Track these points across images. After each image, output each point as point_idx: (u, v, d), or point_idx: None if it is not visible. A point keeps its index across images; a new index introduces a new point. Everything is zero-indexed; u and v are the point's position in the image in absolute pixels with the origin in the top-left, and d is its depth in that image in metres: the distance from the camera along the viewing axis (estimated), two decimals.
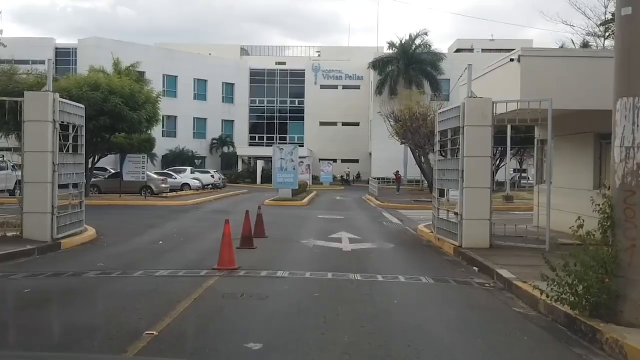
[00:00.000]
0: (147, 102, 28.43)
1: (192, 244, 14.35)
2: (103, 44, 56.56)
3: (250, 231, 13.29)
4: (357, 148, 64.30)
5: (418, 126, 34.56)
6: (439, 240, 14.73)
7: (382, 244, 14.74)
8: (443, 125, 14.68)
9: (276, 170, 30.86)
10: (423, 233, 17.21)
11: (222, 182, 45.35)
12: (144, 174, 29.85)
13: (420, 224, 20.88)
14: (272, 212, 24.58)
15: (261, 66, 67.57)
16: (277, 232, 16.75)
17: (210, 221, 20.25)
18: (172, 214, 23.30)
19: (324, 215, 23.40)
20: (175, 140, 60.06)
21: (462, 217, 13.11)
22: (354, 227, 18.94)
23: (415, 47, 56.86)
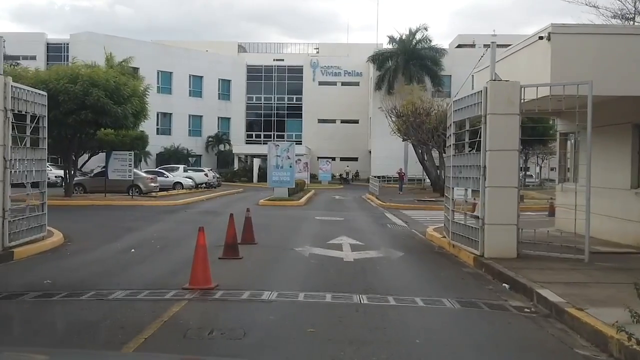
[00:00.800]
0: (133, 95, 26.27)
1: (170, 252, 12.24)
2: (96, 39, 54.39)
3: (234, 238, 11.17)
4: (356, 146, 62.16)
5: (421, 122, 32.44)
6: (454, 247, 12.64)
7: (389, 251, 12.63)
8: (459, 115, 12.57)
9: (272, 169, 28.75)
10: (433, 238, 15.12)
11: (217, 181, 43.20)
12: (131, 172, 27.70)
13: (427, 226, 18.84)
14: (266, 213, 22.53)
15: (258, 62, 65.40)
16: (269, 238, 14.67)
17: (197, 223, 17.97)
18: (157, 215, 21.19)
19: (323, 217, 21.30)
20: (170, 138, 57.88)
21: (484, 221, 11.01)
22: (356, 231, 16.85)
23: (416, 42, 54.73)
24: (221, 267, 10.12)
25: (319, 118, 62.87)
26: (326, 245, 13.33)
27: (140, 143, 46.36)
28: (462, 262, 11.60)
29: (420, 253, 12.88)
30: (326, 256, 11.67)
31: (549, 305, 7.45)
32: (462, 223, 12.16)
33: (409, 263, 11.40)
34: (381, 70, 54.50)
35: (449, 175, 13.52)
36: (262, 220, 19.58)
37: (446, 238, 13.75)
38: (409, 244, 14.47)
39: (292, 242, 13.98)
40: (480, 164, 11.12)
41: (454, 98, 12.95)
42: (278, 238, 14.78)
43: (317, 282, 8.95)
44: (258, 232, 15.35)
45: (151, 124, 57.46)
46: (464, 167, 12.20)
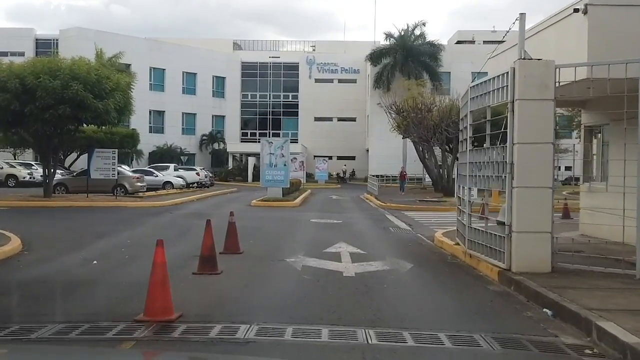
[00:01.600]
0: (116, 89, 24.24)
1: (137, 265, 10.26)
2: (86, 34, 52.51)
3: (211, 249, 9.19)
4: (353, 144, 60.20)
5: (422, 118, 30.49)
6: (471, 257, 10.71)
7: (396, 262, 10.69)
8: (477, 102, 10.63)
9: (265, 167, 26.77)
10: (444, 245, 13.19)
11: (210, 180, 41.19)
12: (115, 171, 25.68)
13: (434, 229, 16.98)
14: (257, 216, 20.60)
15: (253, 59, 63.36)
16: (257, 245, 12.73)
17: (180, 228, 16.20)
18: (139, 217, 19.23)
19: (319, 219, 19.36)
20: (163, 136, 55.92)
21: (511, 228, 9.08)
22: (356, 236, 14.91)
23: (414, 38, 52.83)
24: (193, 286, 8.18)
25: (315, 116, 60.92)
26: (322, 254, 11.39)
27: (130, 141, 44.46)
28: (483, 276, 9.67)
29: (432, 264, 10.92)
30: (322, 269, 9.72)
31: (619, 346, 5.51)
32: (482, 229, 10.22)
33: (422, 279, 9.45)
34: (379, 67, 52.58)
35: (464, 174, 11.59)
36: (252, 223, 17.67)
37: (460, 245, 11.83)
38: (417, 252, 12.52)
39: (283, 250, 12.03)
40: (505, 160, 9.19)
41: (471, 84, 11.03)
42: (268, 245, 12.82)
43: (310, 309, 7.00)
44: (246, 237, 13.49)
45: (143, 122, 55.56)
46: (484, 164, 10.26)
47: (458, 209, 12.60)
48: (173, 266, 9.77)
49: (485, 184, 10.32)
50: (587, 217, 13.89)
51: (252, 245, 12.70)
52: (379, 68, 52.78)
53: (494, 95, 9.79)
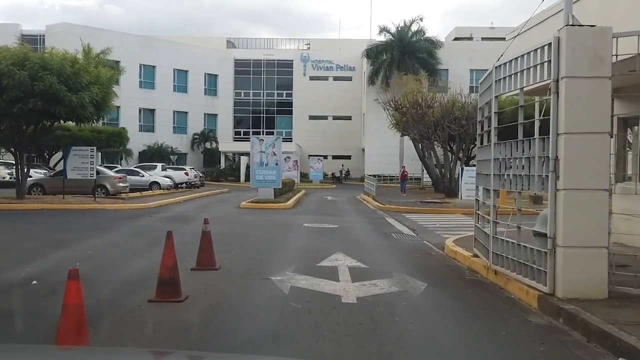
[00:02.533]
0: (95, 83, 22.11)
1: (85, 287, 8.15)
2: (73, 30, 50.04)
3: (172, 270, 7.09)
4: (349, 143, 58.15)
5: (423, 114, 28.46)
6: (496, 274, 8.68)
7: (405, 280, 8.64)
8: (506, 85, 8.58)
9: (255, 166, 24.68)
10: (458, 255, 11.15)
11: (200, 181, 39.02)
12: (93, 171, 23.53)
13: (440, 234, 15.06)
14: (245, 219, 18.53)
15: (247, 56, 61.20)
16: (239, 257, 10.69)
17: (154, 235, 14.07)
18: (113, 222, 17.14)
19: (313, 224, 17.29)
20: (154, 135, 53.68)
21: (555, 241, 7.05)
22: (354, 244, 12.87)
23: (412, 34, 50.78)
24: (140, 322, 6.13)
25: (310, 114, 58.83)
26: (316, 269, 9.33)
27: (117, 140, 42.23)
28: (516, 300, 7.63)
29: (449, 283, 8.86)
30: (315, 293, 7.66)
31: None
32: (514, 242, 8.17)
33: (443, 306, 7.38)
34: (375, 64, 50.54)
35: (486, 173, 9.55)
36: (238, 228, 15.64)
37: (480, 258, 9.80)
38: (427, 265, 10.47)
39: (269, 264, 9.96)
40: (547, 155, 7.16)
41: (496, 63, 8.98)
42: (252, 257, 10.74)
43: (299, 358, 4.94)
44: (228, 247, 11.51)
45: (133, 120, 53.37)
46: (516, 160, 8.22)
47: (476, 214, 10.56)
48: (127, 290, 7.75)
49: (518, 185, 8.26)
50: (621, 223, 11.86)
51: (233, 257, 10.64)
52: (375, 65, 50.76)
53: (530, 75, 7.74)
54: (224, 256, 10.42)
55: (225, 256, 10.46)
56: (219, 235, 13.83)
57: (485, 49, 53.26)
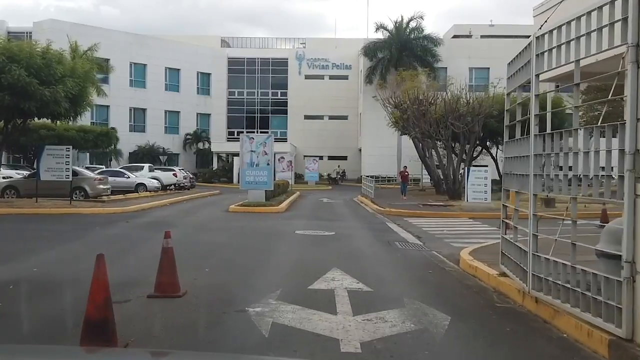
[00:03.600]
0: (70, 76, 20.05)
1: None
2: (60, 27, 48.13)
3: (104, 309, 4.98)
4: (345, 144, 56.09)
5: (424, 111, 26.42)
6: (537, 302, 6.68)
7: (421, 312, 6.62)
8: (551, 58, 6.56)
9: (245, 167, 22.64)
10: (479, 272, 9.14)
11: (190, 182, 36.89)
12: (69, 172, 21.44)
13: (452, 244, 13.04)
14: (230, 225, 16.49)
15: (241, 55, 59.10)
16: (213, 276, 8.65)
17: (122, 246, 12.05)
18: (80, 229, 15.07)
19: (306, 231, 15.25)
20: (145, 135, 51.65)
21: (635, 268, 5.04)
22: (354, 257, 10.85)
23: (410, 31, 48.79)
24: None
25: (305, 114, 56.74)
26: (307, 294, 7.33)
27: (105, 140, 40.06)
28: (575, 344, 5.62)
29: (478, 315, 6.82)
30: (305, 334, 5.63)
31: None
32: (566, 263, 6.14)
33: (480, 357, 5.34)
34: (372, 62, 48.53)
35: (520, 173, 7.56)
36: (220, 237, 13.59)
37: (510, 278, 7.80)
38: (445, 286, 8.44)
39: (249, 287, 7.92)
40: (625, 149, 5.15)
41: (536, 33, 6.97)
42: (228, 277, 8.69)
43: None
44: (203, 262, 9.50)
45: (123, 120, 51.23)
46: (568, 156, 6.20)
47: (503, 223, 8.56)
48: (46, 333, 5.70)
49: (571, 189, 6.24)
50: None
51: (206, 277, 8.59)
52: (372, 63, 48.77)
53: (591, 42, 5.72)
54: (195, 275, 8.39)
55: (196, 275, 8.43)
56: (197, 246, 11.84)
57: (485, 46, 51.39)
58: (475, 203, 20.87)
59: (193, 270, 8.88)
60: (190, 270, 8.80)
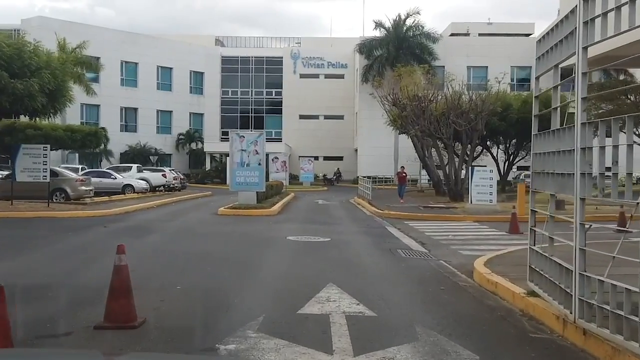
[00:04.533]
0: (46, 68, 18.53)
1: None
2: (49, 24, 46.58)
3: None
4: (341, 144, 54.58)
5: (424, 107, 24.94)
6: (585, 335, 5.20)
7: (441, 348, 5.16)
8: (605, 26, 5.08)
9: (235, 167, 21.14)
10: (500, 289, 7.69)
11: (181, 183, 35.33)
12: (47, 172, 19.90)
13: (460, 251, 11.64)
14: (216, 231, 14.98)
15: (235, 53, 57.54)
16: (181, 300, 7.16)
17: (86, 256, 10.56)
18: (50, 235, 13.57)
19: (299, 236, 13.75)
20: (136, 135, 50.03)
21: None
22: (352, 269, 9.38)
23: (407, 29, 47.37)
24: None
25: (300, 114, 55.20)
26: (296, 322, 5.86)
27: (94, 140, 38.34)
28: None
29: (512, 351, 5.35)
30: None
31: None
32: (632, 288, 4.67)
33: None
34: (369, 60, 47.09)
35: (559, 172, 6.09)
36: (202, 245, 12.10)
37: (543, 299, 6.34)
38: (463, 309, 6.95)
39: (224, 312, 6.42)
40: None
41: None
42: (200, 299, 7.16)
43: None
44: (176, 278, 8.06)
45: (114, 119, 49.58)
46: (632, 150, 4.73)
47: (532, 232, 7.10)
48: None
49: None
50: None
51: (175, 296, 7.10)
52: (369, 61, 47.34)
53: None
54: (163, 296, 6.91)
55: (164, 296, 6.95)
56: (174, 257, 10.34)
57: (483, 45, 50.07)
58: (480, 205, 19.43)
59: (162, 288, 7.41)
60: (159, 288, 7.34)
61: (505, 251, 10.89)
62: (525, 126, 30.54)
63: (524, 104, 30.40)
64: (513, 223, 15.08)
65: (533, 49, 27.80)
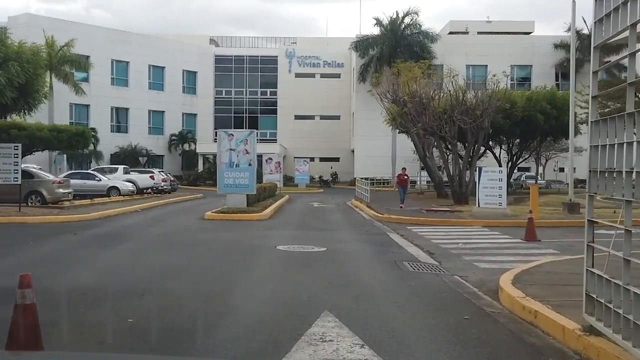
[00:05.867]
0: (16, 60, 16.73)
1: None
2: (37, 22, 44.70)
3: None
4: (337, 145, 52.82)
5: (425, 105, 23.19)
6: None
7: None
8: None
9: (223, 167, 19.37)
10: (541, 320, 5.97)
11: (172, 185, 33.51)
12: (18, 174, 18.09)
13: (473, 263, 9.92)
14: (198, 239, 13.23)
15: (228, 52, 55.74)
16: (128, 336, 5.32)
17: (40, 272, 8.73)
18: (8, 245, 11.78)
19: (291, 245, 11.98)
20: (127, 136, 48.21)
21: None
22: (353, 291, 7.64)
23: (405, 27, 45.72)
24: None
25: (295, 114, 53.42)
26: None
27: (81, 140, 36.50)
28: None
29: None
30: None
31: None
32: None
33: None
34: (365, 58, 45.42)
35: (626, 169, 4.34)
36: (176, 258, 10.33)
37: (609, 341, 4.63)
38: (499, 352, 5.21)
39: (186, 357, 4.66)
40: None
41: None
42: (152, 340, 5.38)
43: None
44: (131, 303, 6.36)
45: (104, 120, 47.71)
46: None
47: (589, 248, 5.35)
48: None
49: None
50: None
51: (121, 335, 5.32)
52: (365, 60, 45.68)
53: None
54: (104, 335, 5.14)
55: (105, 335, 5.17)
56: (140, 273, 8.60)
57: (482, 43, 48.48)
58: (489, 209, 17.71)
59: (110, 321, 5.65)
60: (106, 322, 5.58)
61: (532, 265, 9.18)
62: (531, 124, 28.76)
63: (528, 101, 28.78)
64: (530, 229, 13.36)
65: (533, 47, 26.44)
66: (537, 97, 28.73)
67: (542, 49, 47.25)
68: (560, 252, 11.51)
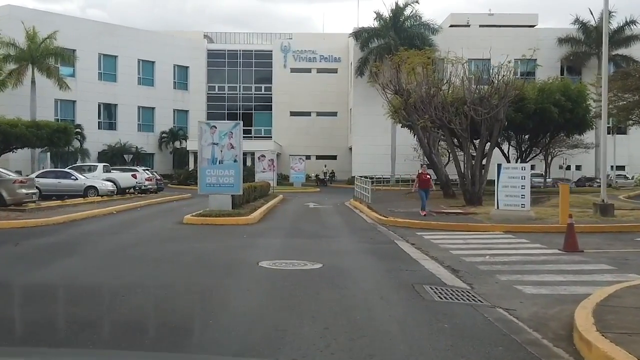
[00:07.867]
0: None
1: None
2: (20, 13, 41.82)
3: None
4: (334, 142, 50.15)
5: (433, 94, 20.54)
6: None
7: None
8: None
9: (204, 164, 16.74)
10: None
11: (157, 184, 30.81)
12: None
13: (511, 283, 7.30)
14: (163, 250, 10.57)
15: (221, 47, 53.02)
16: None
17: None
18: None
19: (276, 261, 9.31)
20: (116, 133, 45.52)
21: None
22: (360, 337, 4.98)
23: (405, 19, 43.15)
24: None
25: (291, 110, 50.68)
26: None
27: (63, 137, 33.80)
28: None
29: None
30: None
31: None
32: None
33: None
34: (365, 51, 42.83)
35: None
36: (128, 278, 7.69)
37: None
38: None
39: None
40: None
41: None
42: None
43: None
44: None
45: (91, 116, 44.90)
46: None
47: None
48: None
49: None
50: None
51: None
52: (364, 53, 43.08)
53: None
54: None
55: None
56: (66, 306, 5.94)
57: (484, 36, 45.81)
58: (509, 211, 15.10)
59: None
60: None
61: (605, 294, 6.54)
62: (544, 118, 25.91)
63: (540, 92, 26.25)
64: (570, 238, 10.75)
65: (537, 40, 22.37)
66: (551, 89, 26.20)
67: (546, 42, 44.68)
68: (617, 269, 8.95)
